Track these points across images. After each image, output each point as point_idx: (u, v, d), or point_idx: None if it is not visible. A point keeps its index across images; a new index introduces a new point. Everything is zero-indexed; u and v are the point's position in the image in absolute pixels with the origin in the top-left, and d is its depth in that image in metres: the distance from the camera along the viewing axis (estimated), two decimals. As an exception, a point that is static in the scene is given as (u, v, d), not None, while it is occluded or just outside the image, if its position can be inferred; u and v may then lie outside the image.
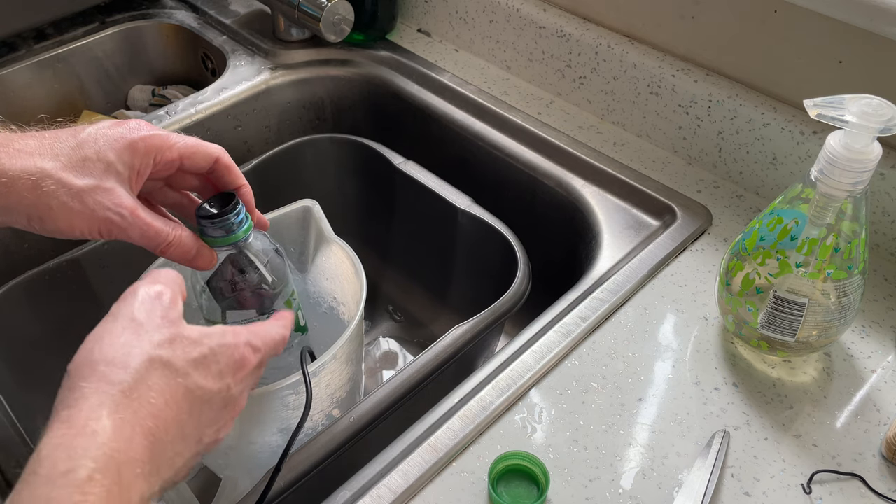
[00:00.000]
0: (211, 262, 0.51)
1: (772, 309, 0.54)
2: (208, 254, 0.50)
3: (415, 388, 0.58)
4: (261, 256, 0.53)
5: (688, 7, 0.73)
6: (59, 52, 0.95)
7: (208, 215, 0.50)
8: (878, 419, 0.55)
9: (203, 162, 0.50)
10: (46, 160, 0.45)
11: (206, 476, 0.73)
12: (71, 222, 0.45)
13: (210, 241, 0.50)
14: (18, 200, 0.44)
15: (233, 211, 0.50)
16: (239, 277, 0.53)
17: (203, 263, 0.50)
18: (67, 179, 0.44)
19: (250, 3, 1.00)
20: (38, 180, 0.44)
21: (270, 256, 0.54)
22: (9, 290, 0.70)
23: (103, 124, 0.48)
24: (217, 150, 0.51)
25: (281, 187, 0.83)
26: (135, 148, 0.47)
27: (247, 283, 0.53)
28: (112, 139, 0.47)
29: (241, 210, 0.51)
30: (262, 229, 0.55)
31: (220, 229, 0.50)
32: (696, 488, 0.50)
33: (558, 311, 0.62)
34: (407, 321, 0.93)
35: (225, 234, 0.50)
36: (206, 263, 0.50)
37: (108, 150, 0.46)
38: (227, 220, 0.50)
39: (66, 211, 0.44)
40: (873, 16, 0.60)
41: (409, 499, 0.51)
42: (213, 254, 0.50)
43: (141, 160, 0.48)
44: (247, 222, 0.51)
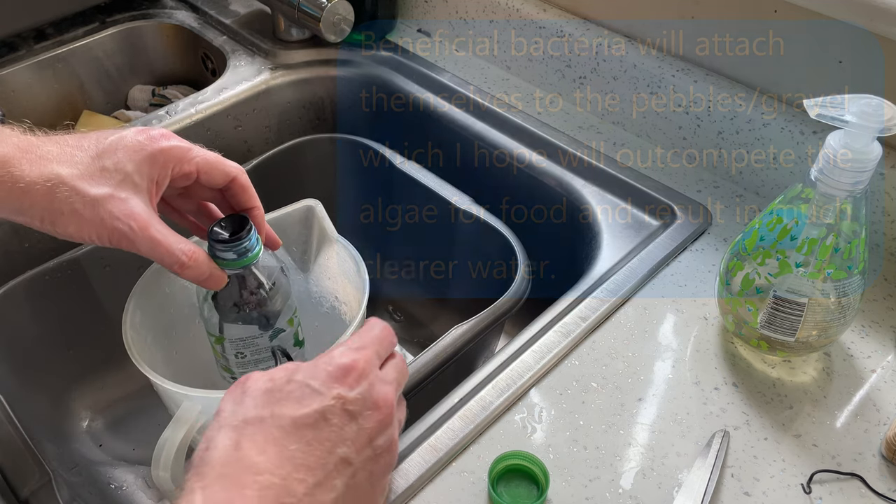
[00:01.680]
0: (221, 284, 0.51)
1: (772, 309, 0.54)
2: (220, 275, 0.51)
3: (415, 388, 0.58)
4: (267, 276, 0.54)
5: (688, 7, 0.73)
6: (59, 52, 0.94)
7: (222, 239, 0.50)
8: (878, 419, 0.55)
9: (220, 179, 0.51)
10: (64, 167, 0.45)
11: (207, 476, 0.73)
12: (80, 229, 0.46)
13: (220, 263, 0.51)
14: (32, 204, 0.45)
15: (246, 236, 0.51)
16: (245, 295, 0.53)
17: (214, 285, 0.51)
18: (82, 188, 0.45)
19: (250, 3, 1.00)
20: (53, 186, 0.45)
21: (276, 275, 0.55)
22: (9, 290, 0.70)
23: (127, 133, 0.48)
24: (235, 170, 0.52)
25: (281, 187, 0.83)
26: (154, 159, 0.48)
27: (251, 301, 0.54)
28: (132, 150, 0.47)
29: (253, 235, 0.51)
30: (273, 248, 0.56)
31: (232, 252, 0.51)
32: (695, 488, 0.50)
33: (558, 311, 0.62)
34: (407, 321, 0.93)
35: (236, 258, 0.51)
36: (217, 285, 0.51)
37: (126, 161, 0.47)
38: (241, 245, 0.51)
39: (77, 218, 0.45)
40: (873, 16, 0.60)
41: (409, 499, 0.51)
42: (223, 275, 0.51)
43: (159, 172, 0.48)
44: (257, 246, 0.52)
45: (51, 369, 0.76)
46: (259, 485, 0.36)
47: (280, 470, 0.37)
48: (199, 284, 0.50)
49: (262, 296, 0.54)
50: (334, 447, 0.38)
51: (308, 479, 0.37)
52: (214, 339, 0.57)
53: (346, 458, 0.39)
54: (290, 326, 0.58)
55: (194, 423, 0.52)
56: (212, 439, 0.38)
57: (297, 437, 0.38)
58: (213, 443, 0.38)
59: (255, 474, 0.36)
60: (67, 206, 0.45)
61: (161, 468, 0.51)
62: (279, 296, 0.55)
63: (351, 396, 0.40)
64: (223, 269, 0.51)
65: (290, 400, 0.39)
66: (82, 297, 0.74)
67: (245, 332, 0.55)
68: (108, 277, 0.75)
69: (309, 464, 0.37)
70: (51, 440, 0.74)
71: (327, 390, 0.40)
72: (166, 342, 0.62)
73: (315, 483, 0.37)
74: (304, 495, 0.36)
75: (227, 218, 0.52)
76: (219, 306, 0.54)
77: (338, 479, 0.38)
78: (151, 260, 0.58)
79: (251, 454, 0.37)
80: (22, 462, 0.57)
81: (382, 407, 0.41)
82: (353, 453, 0.39)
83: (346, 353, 0.42)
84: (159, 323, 0.61)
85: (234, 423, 0.38)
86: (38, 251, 0.75)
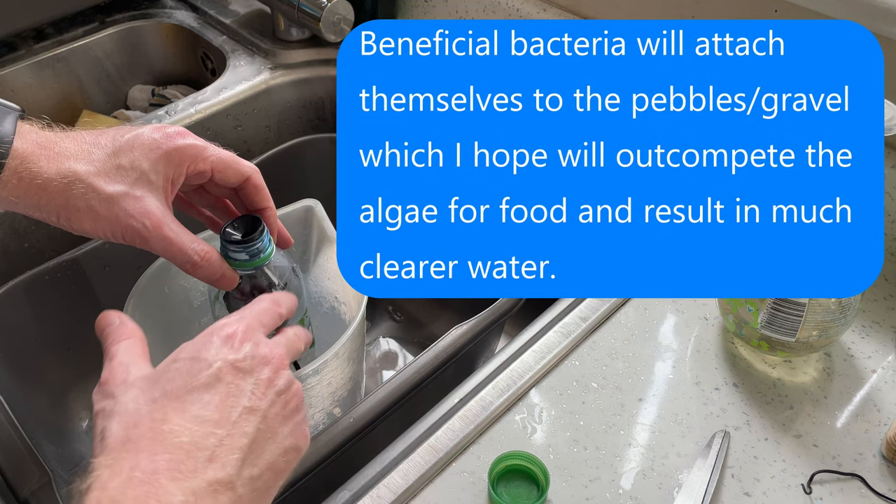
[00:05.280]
0: (233, 284, 0.52)
1: (772, 309, 0.54)
2: (231, 276, 0.51)
3: (415, 388, 0.58)
4: (279, 276, 0.54)
5: (688, 7, 0.73)
6: (58, 52, 0.94)
7: (234, 240, 0.50)
8: (879, 419, 0.55)
9: (234, 178, 0.51)
10: (81, 164, 0.46)
11: (206, 476, 0.73)
12: (96, 225, 0.46)
13: (233, 264, 0.51)
14: (49, 200, 0.45)
15: (259, 237, 0.51)
16: (257, 295, 0.53)
17: (226, 285, 0.51)
18: (98, 185, 0.45)
19: (250, 3, 1.00)
20: (70, 183, 0.45)
21: (288, 275, 0.55)
22: (9, 290, 0.70)
23: (144, 130, 0.48)
24: (249, 170, 0.52)
25: (281, 187, 0.83)
26: (170, 158, 0.48)
27: None
28: (148, 148, 0.47)
29: (265, 236, 0.52)
30: (284, 247, 0.56)
31: (244, 253, 0.51)
32: (696, 488, 0.50)
33: (558, 311, 0.62)
34: (407, 321, 0.93)
35: (249, 259, 0.51)
36: (229, 285, 0.51)
37: (142, 159, 0.47)
38: (253, 246, 0.51)
39: (93, 214, 0.45)
40: (873, 16, 0.60)
41: (409, 499, 0.51)
42: (235, 276, 0.51)
43: (175, 170, 0.48)
44: (270, 246, 0.52)
45: (51, 369, 0.76)
46: (169, 446, 0.36)
47: (186, 431, 0.37)
48: (212, 284, 0.51)
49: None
50: (236, 401, 0.39)
51: (217, 431, 0.37)
52: None
53: (251, 407, 0.39)
54: (303, 327, 0.58)
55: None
56: (105, 428, 0.37)
57: (195, 401, 0.38)
58: (107, 431, 0.37)
59: (162, 439, 0.36)
60: (83, 203, 0.45)
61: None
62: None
63: (239, 357, 0.40)
64: (235, 269, 0.51)
65: (178, 376, 0.39)
66: (82, 297, 0.74)
67: None
68: (107, 277, 0.75)
69: (214, 419, 0.37)
70: (51, 440, 0.74)
71: (213, 357, 0.40)
72: (165, 343, 0.62)
73: (225, 434, 0.37)
74: (215, 447, 0.37)
75: (239, 218, 0.53)
76: (230, 306, 0.54)
77: (247, 426, 0.38)
78: (157, 259, 0.58)
79: (154, 425, 0.37)
80: (22, 462, 0.57)
81: (272, 359, 0.41)
82: (257, 400, 0.39)
83: (227, 325, 0.42)
84: (158, 324, 0.61)
85: (126, 409, 0.38)
86: (38, 251, 0.75)
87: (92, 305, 0.75)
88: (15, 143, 0.44)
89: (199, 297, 0.64)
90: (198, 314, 0.65)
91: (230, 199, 0.55)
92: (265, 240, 0.52)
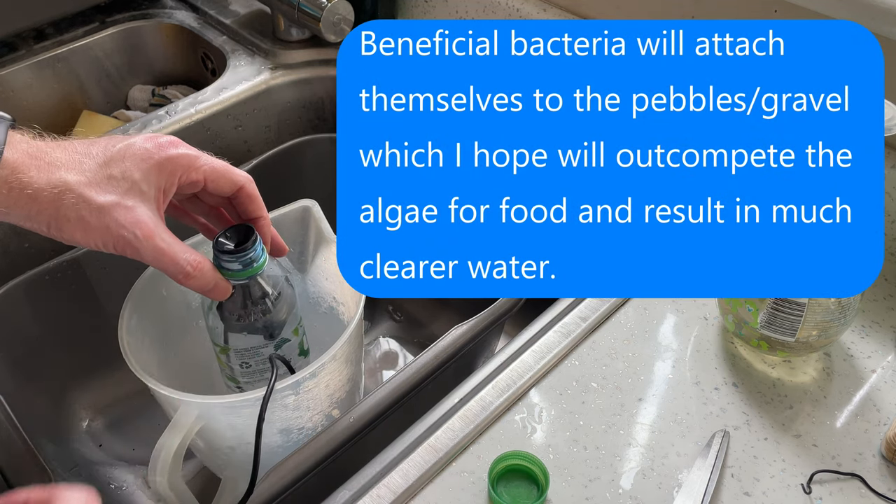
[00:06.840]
0: (226, 294, 0.51)
1: (772, 309, 0.54)
2: (224, 286, 0.51)
3: (415, 388, 0.58)
4: (272, 285, 0.54)
5: (688, 7, 0.73)
6: (58, 52, 0.94)
7: (227, 250, 0.50)
8: (878, 419, 0.55)
9: (227, 188, 0.51)
10: (72, 174, 0.45)
11: (206, 476, 0.73)
12: (87, 236, 0.46)
13: (226, 273, 0.51)
14: (39, 211, 0.45)
15: (252, 247, 0.51)
16: (250, 305, 0.53)
17: (219, 295, 0.51)
18: (88, 195, 0.45)
19: (250, 3, 1.00)
20: (60, 193, 0.45)
21: (281, 285, 0.55)
22: (9, 290, 0.70)
23: (135, 140, 0.48)
24: (242, 179, 0.52)
25: (281, 187, 0.83)
26: (161, 168, 0.48)
27: (257, 311, 0.54)
28: (140, 158, 0.47)
29: (258, 245, 0.51)
30: (279, 255, 0.56)
31: (237, 263, 0.51)
32: (696, 488, 0.50)
33: (558, 311, 0.62)
34: (407, 321, 0.93)
35: (242, 269, 0.51)
36: (222, 295, 0.51)
37: (134, 169, 0.47)
38: (246, 256, 0.51)
39: (83, 225, 0.45)
40: (873, 16, 0.60)
41: (409, 499, 0.51)
42: (229, 286, 0.51)
43: (167, 180, 0.48)
44: (262, 256, 0.52)
45: (51, 369, 0.76)
46: None
47: None
48: (205, 294, 0.51)
49: (266, 306, 0.54)
50: None
51: None
52: (219, 349, 0.56)
53: None
54: (296, 336, 0.58)
55: (191, 428, 0.52)
56: None
57: None
58: None
59: None
60: (74, 213, 0.45)
61: (158, 474, 0.51)
62: (284, 305, 0.55)
63: None
64: (228, 279, 0.51)
65: None
66: (82, 297, 0.74)
67: (250, 342, 0.55)
68: (107, 278, 0.75)
69: None
70: (51, 440, 0.74)
71: None
72: (163, 345, 0.62)
73: None
74: None
75: (232, 228, 0.52)
76: (224, 316, 0.54)
77: None
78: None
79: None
80: (22, 462, 0.57)
81: None
82: None
83: None
84: (156, 326, 0.61)
85: None
86: (38, 251, 0.75)
87: (92, 305, 0.75)
88: (5, 154, 0.43)
89: (196, 299, 0.64)
90: (195, 315, 0.65)
91: (224, 208, 0.54)
92: (258, 249, 0.51)
